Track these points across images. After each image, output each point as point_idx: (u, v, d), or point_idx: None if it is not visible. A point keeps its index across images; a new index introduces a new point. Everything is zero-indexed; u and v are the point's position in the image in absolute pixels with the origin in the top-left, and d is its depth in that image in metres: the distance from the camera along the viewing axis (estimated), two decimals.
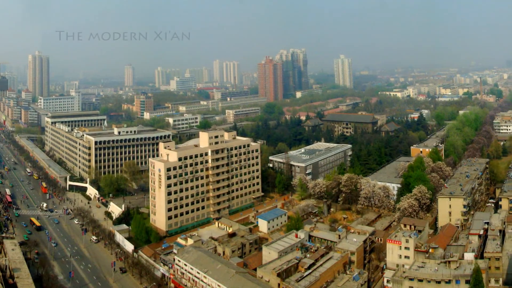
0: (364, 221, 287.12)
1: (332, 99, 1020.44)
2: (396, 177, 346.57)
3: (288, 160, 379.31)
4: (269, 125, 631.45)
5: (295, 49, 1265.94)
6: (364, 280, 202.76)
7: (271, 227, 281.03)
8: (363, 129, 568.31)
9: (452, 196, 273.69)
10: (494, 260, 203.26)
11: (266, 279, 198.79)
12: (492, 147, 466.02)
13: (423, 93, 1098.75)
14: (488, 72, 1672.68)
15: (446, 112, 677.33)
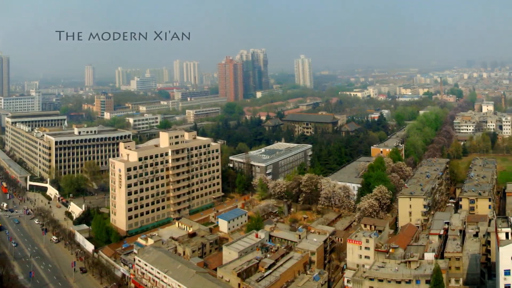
0: (325, 221, 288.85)
1: (293, 99, 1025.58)
2: (357, 177, 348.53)
3: (249, 160, 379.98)
4: (229, 125, 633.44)
5: (255, 49, 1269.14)
6: (324, 280, 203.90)
7: (232, 227, 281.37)
8: (323, 129, 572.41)
9: (413, 196, 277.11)
10: (455, 260, 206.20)
11: (226, 279, 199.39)
12: (452, 147, 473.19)
13: (383, 93, 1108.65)
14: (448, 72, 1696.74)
15: (407, 112, 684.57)
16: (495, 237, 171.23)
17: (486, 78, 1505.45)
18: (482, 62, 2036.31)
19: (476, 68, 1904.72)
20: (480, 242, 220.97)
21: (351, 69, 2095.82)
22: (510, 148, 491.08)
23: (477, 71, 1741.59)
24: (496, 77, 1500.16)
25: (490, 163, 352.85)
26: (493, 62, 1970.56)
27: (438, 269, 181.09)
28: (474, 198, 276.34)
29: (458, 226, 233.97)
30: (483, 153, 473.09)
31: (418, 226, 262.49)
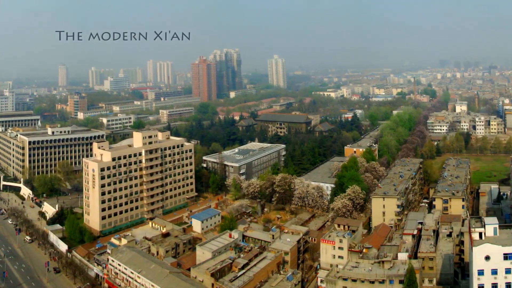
0: (298, 221, 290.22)
1: (266, 99, 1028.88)
2: (330, 177, 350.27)
3: (222, 160, 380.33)
4: (203, 125, 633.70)
5: (229, 49, 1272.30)
6: (298, 280, 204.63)
7: (205, 227, 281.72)
8: (297, 129, 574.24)
9: (386, 196, 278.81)
10: (428, 260, 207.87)
11: (200, 279, 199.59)
12: (425, 147, 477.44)
13: (357, 93, 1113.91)
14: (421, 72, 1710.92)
15: (380, 112, 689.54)
16: (469, 237, 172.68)
17: (459, 78, 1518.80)
18: (455, 62, 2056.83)
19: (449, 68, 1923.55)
20: (453, 242, 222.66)
21: (325, 69, 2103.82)
22: (483, 148, 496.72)
23: (451, 71, 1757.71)
24: (469, 77, 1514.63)
25: (464, 163, 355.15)
26: (466, 62, 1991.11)
27: (411, 269, 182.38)
28: (448, 198, 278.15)
29: (432, 226, 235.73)
30: (457, 153, 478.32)
31: (392, 226, 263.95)
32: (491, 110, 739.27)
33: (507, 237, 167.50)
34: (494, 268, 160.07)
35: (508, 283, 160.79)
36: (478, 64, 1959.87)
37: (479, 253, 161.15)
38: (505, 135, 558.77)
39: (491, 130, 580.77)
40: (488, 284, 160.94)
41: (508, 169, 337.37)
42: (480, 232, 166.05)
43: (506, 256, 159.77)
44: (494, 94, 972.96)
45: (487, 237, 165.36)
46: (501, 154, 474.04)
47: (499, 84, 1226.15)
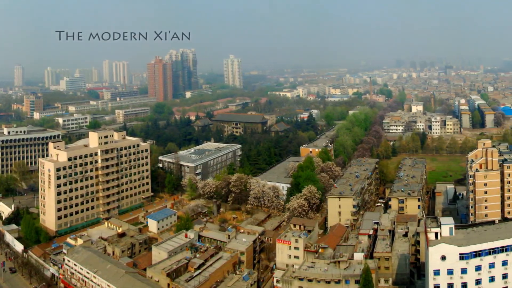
0: (254, 221, 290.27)
1: (222, 99, 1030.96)
2: (286, 177, 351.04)
3: (178, 160, 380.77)
4: (158, 125, 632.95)
5: (184, 49, 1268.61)
6: (253, 280, 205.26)
7: (161, 227, 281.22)
8: (252, 129, 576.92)
9: (342, 196, 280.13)
10: (384, 260, 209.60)
11: (155, 279, 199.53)
12: (381, 147, 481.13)
13: (312, 93, 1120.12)
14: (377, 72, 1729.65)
15: (336, 112, 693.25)
16: (425, 237, 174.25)
17: (415, 78, 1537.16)
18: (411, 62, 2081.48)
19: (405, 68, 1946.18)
20: (409, 242, 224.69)
21: (281, 69, 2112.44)
22: (439, 148, 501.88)
23: (407, 71, 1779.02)
24: (425, 77, 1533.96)
25: (420, 163, 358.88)
26: (422, 62, 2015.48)
27: (367, 269, 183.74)
28: (404, 198, 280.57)
29: (388, 226, 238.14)
30: (413, 153, 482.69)
31: (348, 226, 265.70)
32: (447, 110, 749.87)
33: (463, 237, 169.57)
34: (450, 268, 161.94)
35: (464, 283, 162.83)
36: (434, 64, 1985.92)
37: (435, 253, 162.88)
38: (461, 135, 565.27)
39: (447, 130, 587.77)
40: (444, 284, 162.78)
41: (464, 169, 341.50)
42: (436, 232, 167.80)
43: (462, 256, 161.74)
44: (450, 94, 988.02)
45: (443, 237, 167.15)
46: (457, 154, 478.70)
47: (455, 84, 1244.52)
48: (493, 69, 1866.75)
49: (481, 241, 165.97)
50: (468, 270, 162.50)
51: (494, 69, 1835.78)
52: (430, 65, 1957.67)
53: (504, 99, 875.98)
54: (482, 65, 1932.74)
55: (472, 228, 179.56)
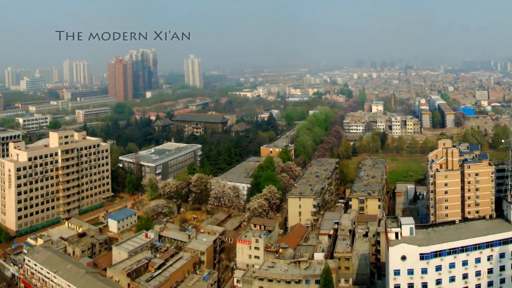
0: (214, 221, 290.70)
1: (182, 99, 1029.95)
2: (246, 177, 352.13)
3: (138, 160, 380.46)
4: (119, 125, 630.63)
5: (145, 49, 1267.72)
6: (214, 280, 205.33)
7: (121, 227, 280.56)
8: (213, 129, 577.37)
9: (302, 196, 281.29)
10: (344, 260, 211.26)
11: (116, 279, 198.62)
12: (342, 147, 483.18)
13: (273, 93, 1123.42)
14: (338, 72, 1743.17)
15: (296, 112, 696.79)
16: (385, 237, 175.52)
17: (376, 78, 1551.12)
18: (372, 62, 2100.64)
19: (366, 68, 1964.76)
20: (369, 242, 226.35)
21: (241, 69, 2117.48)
22: (399, 148, 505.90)
23: (367, 71, 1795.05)
24: (385, 77, 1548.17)
25: (380, 163, 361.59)
26: (382, 62, 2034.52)
27: (327, 269, 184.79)
28: (364, 198, 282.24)
29: (348, 226, 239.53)
30: (373, 153, 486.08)
31: (308, 226, 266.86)
32: (407, 110, 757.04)
33: (423, 237, 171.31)
34: (410, 268, 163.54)
35: (424, 283, 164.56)
36: (394, 64, 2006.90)
37: (395, 253, 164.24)
38: (421, 135, 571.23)
39: (408, 130, 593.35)
40: (404, 284, 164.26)
41: (424, 169, 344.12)
42: (396, 232, 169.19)
43: (422, 256, 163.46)
44: (410, 94, 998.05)
45: (403, 237, 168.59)
46: (417, 154, 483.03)
47: (415, 84, 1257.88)
48: (453, 69, 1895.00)
49: (442, 241, 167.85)
50: (428, 270, 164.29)
51: (455, 69, 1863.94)
52: (391, 65, 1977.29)
53: (465, 99, 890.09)
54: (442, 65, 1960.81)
55: (432, 228, 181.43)
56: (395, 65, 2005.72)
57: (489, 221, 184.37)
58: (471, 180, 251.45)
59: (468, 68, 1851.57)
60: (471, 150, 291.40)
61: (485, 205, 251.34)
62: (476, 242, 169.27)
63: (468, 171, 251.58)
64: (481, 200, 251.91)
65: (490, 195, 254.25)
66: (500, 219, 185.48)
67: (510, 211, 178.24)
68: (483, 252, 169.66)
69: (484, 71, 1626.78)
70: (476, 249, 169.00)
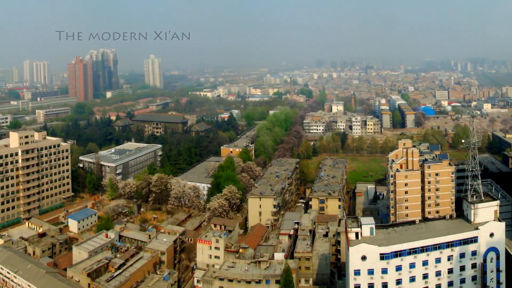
0: (174, 221, 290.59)
1: (143, 99, 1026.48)
2: (207, 177, 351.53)
3: (98, 160, 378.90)
4: (79, 125, 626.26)
5: (105, 49, 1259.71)
6: (174, 280, 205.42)
7: (82, 227, 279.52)
8: (173, 129, 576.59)
9: (262, 196, 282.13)
10: (304, 260, 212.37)
11: (76, 279, 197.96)
12: (302, 147, 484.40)
13: (233, 93, 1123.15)
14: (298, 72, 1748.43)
15: (256, 112, 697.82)
16: (345, 237, 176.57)
17: (336, 78, 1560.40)
18: (332, 62, 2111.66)
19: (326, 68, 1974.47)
20: (330, 242, 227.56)
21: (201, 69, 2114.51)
22: (360, 148, 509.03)
23: (327, 71, 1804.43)
24: (346, 77, 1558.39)
25: (340, 163, 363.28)
26: (343, 62, 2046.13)
27: (288, 269, 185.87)
28: (324, 198, 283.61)
29: (308, 226, 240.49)
30: (333, 153, 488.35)
31: (268, 226, 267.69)
32: (367, 110, 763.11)
33: (384, 237, 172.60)
34: (370, 268, 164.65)
35: (384, 283, 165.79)
36: (354, 64, 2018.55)
37: (355, 253, 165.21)
38: (382, 135, 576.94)
39: (368, 130, 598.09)
40: (365, 284, 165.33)
41: (385, 169, 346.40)
42: (357, 232, 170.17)
43: (382, 256, 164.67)
44: (371, 94, 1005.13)
45: (363, 237, 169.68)
46: (377, 154, 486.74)
47: (376, 84, 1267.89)
48: (413, 69, 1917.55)
49: (402, 241, 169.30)
50: (388, 270, 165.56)
51: (415, 69, 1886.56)
52: (351, 65, 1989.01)
53: (425, 99, 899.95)
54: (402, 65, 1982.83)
55: (392, 228, 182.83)
56: (355, 65, 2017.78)
57: (450, 221, 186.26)
58: (431, 180, 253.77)
59: (428, 68, 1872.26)
60: (431, 150, 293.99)
61: (445, 205, 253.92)
62: (436, 242, 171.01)
63: (428, 171, 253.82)
64: (441, 200, 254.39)
65: (450, 195, 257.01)
66: (461, 219, 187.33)
67: (470, 211, 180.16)
68: (443, 252, 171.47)
69: (444, 71, 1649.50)
70: (436, 249, 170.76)
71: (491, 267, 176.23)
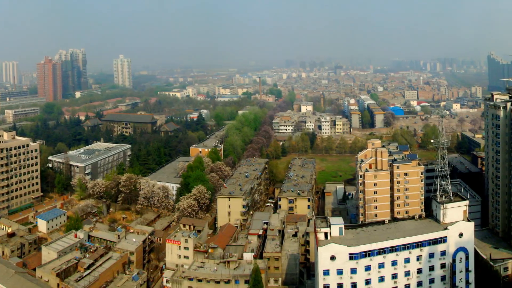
0: (144, 221, 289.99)
1: (112, 99, 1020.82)
2: (176, 177, 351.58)
3: (68, 160, 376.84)
4: (48, 125, 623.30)
5: (74, 49, 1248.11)
6: (143, 280, 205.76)
7: (51, 227, 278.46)
8: (142, 129, 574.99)
9: (232, 196, 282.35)
10: (274, 260, 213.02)
11: (45, 279, 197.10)
12: (271, 147, 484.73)
13: (202, 93, 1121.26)
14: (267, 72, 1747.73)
15: (226, 112, 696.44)
16: (314, 237, 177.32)
17: (305, 78, 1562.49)
18: (301, 62, 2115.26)
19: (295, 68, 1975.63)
20: (299, 242, 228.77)
21: (171, 69, 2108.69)
22: (329, 148, 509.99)
23: (296, 71, 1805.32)
24: (315, 77, 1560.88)
25: (309, 163, 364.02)
26: (312, 62, 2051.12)
27: (257, 269, 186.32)
28: (293, 198, 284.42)
29: (277, 226, 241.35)
30: (302, 153, 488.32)
31: (237, 226, 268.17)
32: (336, 110, 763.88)
33: (353, 237, 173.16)
34: (339, 268, 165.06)
35: (353, 283, 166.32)
36: (323, 64, 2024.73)
37: (324, 253, 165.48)
38: (351, 135, 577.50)
39: (337, 130, 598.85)
40: (334, 284, 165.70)
41: (354, 169, 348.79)
42: (326, 232, 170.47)
43: (351, 256, 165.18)
44: (340, 94, 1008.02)
45: (332, 237, 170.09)
46: (346, 154, 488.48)
47: (345, 84, 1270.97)
48: (382, 69, 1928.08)
49: (371, 241, 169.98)
50: (357, 270, 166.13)
51: (384, 69, 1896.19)
52: (320, 65, 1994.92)
53: (394, 99, 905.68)
54: (372, 65, 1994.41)
55: (361, 228, 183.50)
56: (324, 65, 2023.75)
57: (419, 221, 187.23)
58: (400, 180, 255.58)
59: (398, 68, 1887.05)
60: (400, 150, 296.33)
61: (414, 205, 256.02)
62: (405, 242, 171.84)
63: (398, 171, 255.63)
64: (410, 200, 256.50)
65: (420, 195, 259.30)
66: (430, 219, 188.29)
67: (439, 211, 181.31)
68: (413, 252, 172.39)
69: (413, 71, 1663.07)
70: (406, 249, 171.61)
71: (460, 267, 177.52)
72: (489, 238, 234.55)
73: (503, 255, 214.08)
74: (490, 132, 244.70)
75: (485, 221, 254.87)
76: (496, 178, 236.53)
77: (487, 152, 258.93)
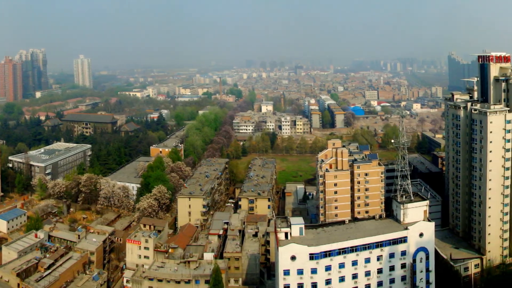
0: (104, 221, 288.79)
1: (72, 99, 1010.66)
2: (136, 177, 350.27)
3: (28, 160, 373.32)
4: (8, 125, 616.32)
5: (34, 49, 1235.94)
6: (103, 280, 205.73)
7: (11, 227, 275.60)
8: (102, 129, 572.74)
9: (192, 196, 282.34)
10: (234, 260, 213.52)
11: (5, 279, 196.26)
12: (231, 147, 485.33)
13: (162, 93, 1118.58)
14: (228, 72, 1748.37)
15: (186, 112, 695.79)
16: (275, 237, 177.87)
17: (265, 78, 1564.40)
18: (261, 62, 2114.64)
19: (255, 68, 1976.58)
20: (259, 242, 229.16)
21: (131, 69, 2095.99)
22: (289, 148, 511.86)
23: (257, 71, 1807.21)
24: (275, 77, 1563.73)
25: (270, 163, 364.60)
26: (272, 62, 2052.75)
27: (217, 269, 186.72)
28: (254, 198, 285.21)
29: (238, 226, 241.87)
30: (263, 153, 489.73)
31: (198, 226, 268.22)
32: (297, 110, 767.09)
33: (313, 237, 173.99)
34: (300, 268, 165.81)
35: (314, 283, 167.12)
36: (284, 64, 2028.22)
37: (284, 253, 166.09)
38: (311, 135, 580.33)
39: (297, 130, 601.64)
40: (294, 284, 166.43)
41: (314, 169, 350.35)
42: (286, 232, 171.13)
43: (312, 256, 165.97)
44: (300, 94, 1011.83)
45: (293, 237, 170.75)
46: (307, 154, 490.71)
47: (305, 84, 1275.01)
48: (343, 69, 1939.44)
49: (331, 241, 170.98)
50: (318, 270, 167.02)
51: (344, 69, 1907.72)
52: (280, 65, 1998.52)
53: (354, 99, 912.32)
54: (332, 65, 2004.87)
55: (322, 228, 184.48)
56: (284, 65, 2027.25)
57: (379, 221, 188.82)
58: (360, 180, 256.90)
59: (358, 68, 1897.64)
60: (360, 150, 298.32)
61: (374, 205, 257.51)
62: (365, 242, 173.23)
63: (358, 171, 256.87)
64: (370, 200, 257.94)
65: (380, 195, 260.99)
66: (390, 219, 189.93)
67: (399, 211, 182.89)
68: (373, 252, 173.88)
69: (373, 71, 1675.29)
70: (366, 249, 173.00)
71: (421, 267, 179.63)
72: (449, 238, 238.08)
73: (464, 255, 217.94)
74: (450, 132, 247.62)
75: (445, 221, 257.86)
76: (456, 178, 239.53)
77: (447, 152, 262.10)
